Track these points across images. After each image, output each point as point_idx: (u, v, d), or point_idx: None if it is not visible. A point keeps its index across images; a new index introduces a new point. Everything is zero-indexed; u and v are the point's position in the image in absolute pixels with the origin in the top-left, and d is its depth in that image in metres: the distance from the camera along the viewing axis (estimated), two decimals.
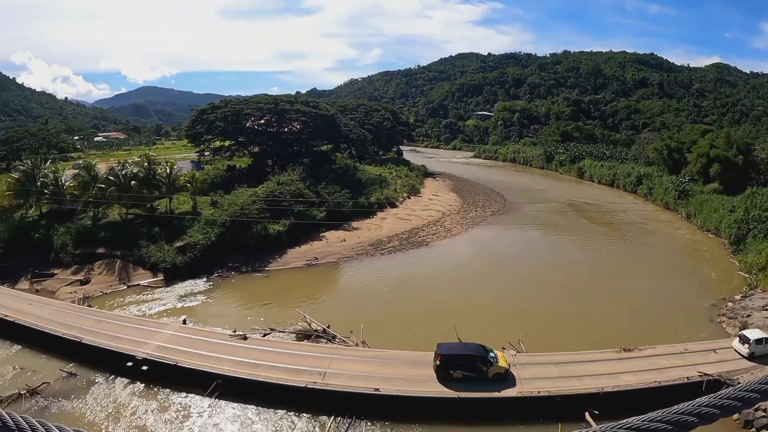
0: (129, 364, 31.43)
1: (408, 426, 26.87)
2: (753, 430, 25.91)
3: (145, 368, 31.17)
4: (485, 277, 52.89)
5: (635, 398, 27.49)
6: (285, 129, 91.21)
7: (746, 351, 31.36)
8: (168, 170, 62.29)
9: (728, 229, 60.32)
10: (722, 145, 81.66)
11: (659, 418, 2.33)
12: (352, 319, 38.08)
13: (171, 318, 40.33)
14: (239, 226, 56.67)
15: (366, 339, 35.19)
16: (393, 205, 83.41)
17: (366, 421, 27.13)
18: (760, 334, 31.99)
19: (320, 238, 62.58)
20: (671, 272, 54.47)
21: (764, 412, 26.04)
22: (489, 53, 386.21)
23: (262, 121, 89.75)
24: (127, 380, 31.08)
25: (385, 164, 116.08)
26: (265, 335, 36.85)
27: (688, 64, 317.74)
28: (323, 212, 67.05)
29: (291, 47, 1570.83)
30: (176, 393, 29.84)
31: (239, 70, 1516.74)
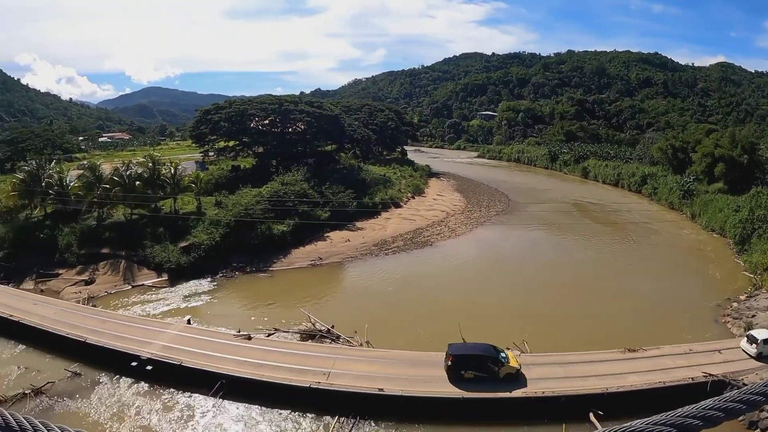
0: (133, 364, 31.50)
1: (412, 426, 26.86)
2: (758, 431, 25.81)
3: (150, 368, 31.24)
4: (489, 277, 52.88)
5: (640, 399, 27.44)
6: (289, 129, 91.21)
7: (754, 351, 31.19)
8: (172, 170, 62.51)
9: (733, 229, 60.21)
10: (727, 145, 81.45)
11: (663, 421, 2.32)
12: (357, 320, 38.10)
13: (175, 318, 40.41)
14: (243, 227, 56.72)
15: (370, 339, 35.19)
16: (397, 205, 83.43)
17: (370, 422, 27.11)
18: None
19: (324, 239, 62.57)
20: (676, 272, 54.32)
21: None
22: (493, 53, 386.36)
23: (267, 122, 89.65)
24: (132, 380, 31.14)
25: (390, 164, 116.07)
26: (270, 335, 36.86)
27: (693, 64, 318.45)
28: (327, 212, 67.01)
29: (295, 48, 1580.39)
30: (180, 393, 29.88)
31: (243, 71, 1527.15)
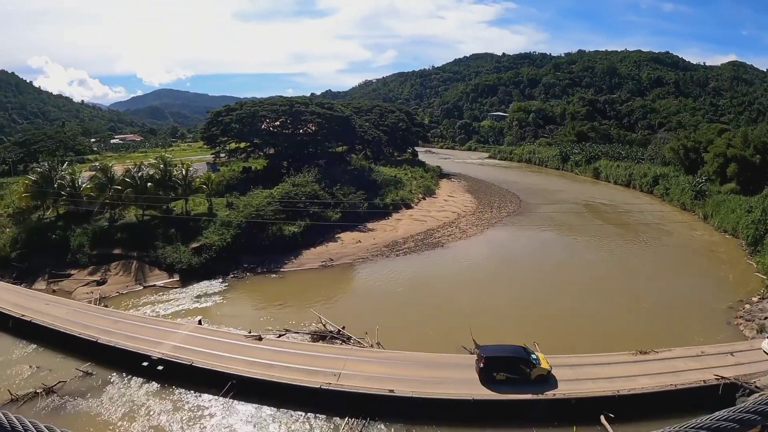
0: (144, 364, 31.66)
1: (422, 427, 26.81)
2: None
3: (161, 368, 31.39)
4: (500, 279, 52.75)
5: (651, 401, 27.21)
6: (300, 130, 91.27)
7: None
8: (184, 172, 62.76)
9: (745, 230, 59.59)
10: (739, 145, 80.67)
11: None
12: (367, 321, 38.05)
13: (186, 318, 40.61)
14: (255, 228, 56.90)
15: (381, 340, 35.14)
16: (408, 207, 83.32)
17: (380, 423, 27.08)
18: None
19: (335, 240, 62.64)
20: (688, 274, 53.91)
21: None
22: (503, 53, 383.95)
23: (277, 123, 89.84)
24: (143, 380, 31.32)
25: (400, 165, 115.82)
26: (280, 336, 36.94)
27: (704, 63, 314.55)
28: (338, 213, 67.03)
29: (305, 49, 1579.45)
30: (191, 393, 30.02)
31: (254, 72, 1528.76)
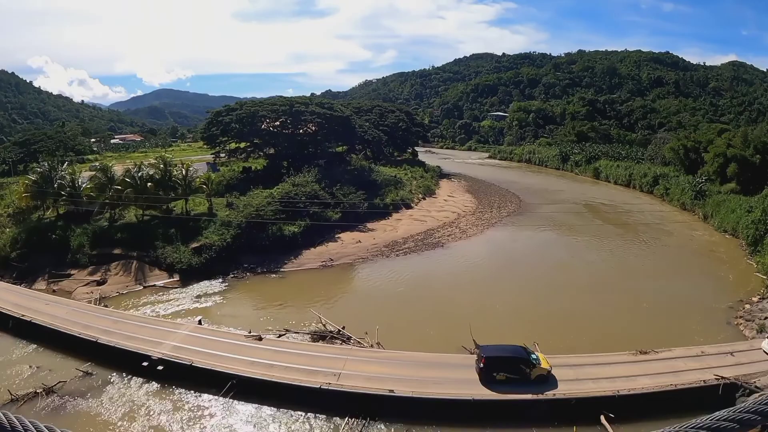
0: (144, 364, 31.65)
1: (422, 427, 26.79)
2: None
3: (161, 368, 31.38)
4: (500, 279, 52.75)
5: (651, 401, 27.21)
6: (300, 131, 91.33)
7: None
8: (184, 172, 62.74)
9: (745, 230, 59.51)
10: (739, 145, 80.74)
11: None
12: (367, 321, 38.05)
13: (186, 318, 40.58)
14: (255, 228, 56.92)
15: (381, 340, 35.13)
16: (408, 207, 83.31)
17: (380, 423, 27.09)
18: None
19: (335, 240, 62.65)
20: (688, 273, 53.89)
21: None
22: (503, 53, 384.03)
23: (277, 123, 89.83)
24: (143, 380, 31.31)
25: (400, 165, 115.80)
26: (280, 336, 36.95)
27: (704, 63, 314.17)
28: (338, 213, 67.03)
29: (305, 49, 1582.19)
30: (191, 393, 30.02)
31: (254, 72, 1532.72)
